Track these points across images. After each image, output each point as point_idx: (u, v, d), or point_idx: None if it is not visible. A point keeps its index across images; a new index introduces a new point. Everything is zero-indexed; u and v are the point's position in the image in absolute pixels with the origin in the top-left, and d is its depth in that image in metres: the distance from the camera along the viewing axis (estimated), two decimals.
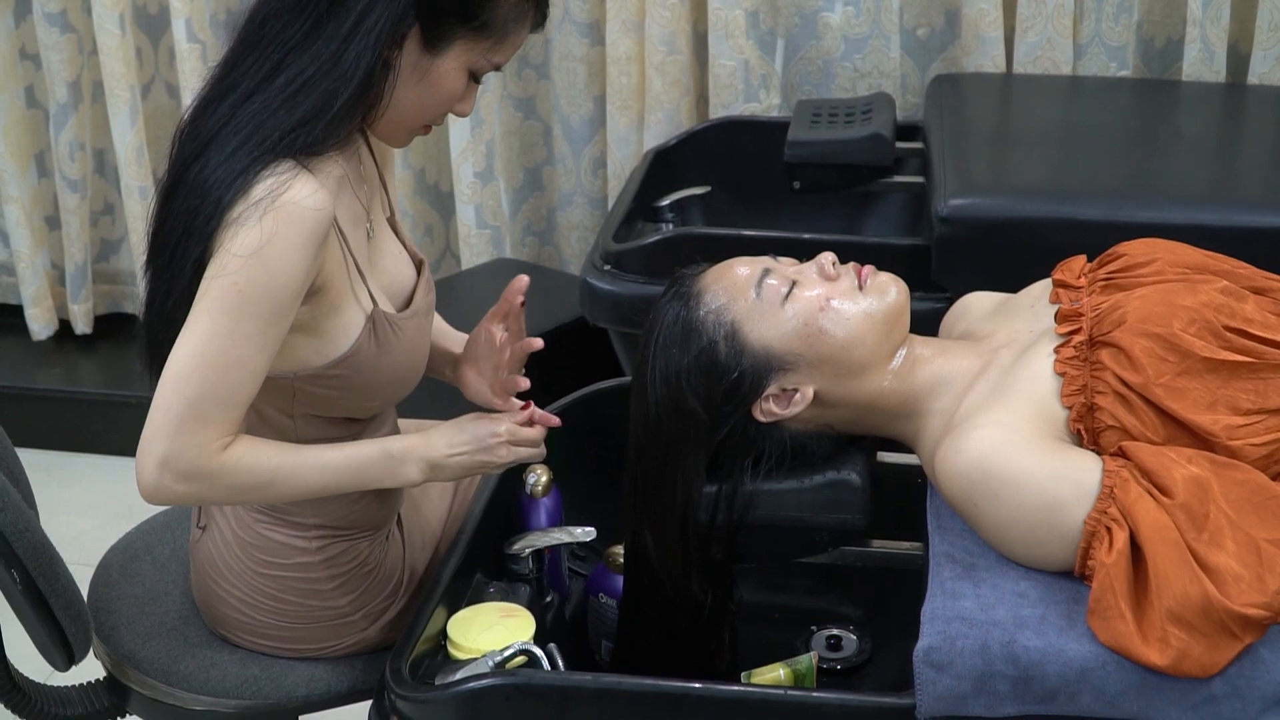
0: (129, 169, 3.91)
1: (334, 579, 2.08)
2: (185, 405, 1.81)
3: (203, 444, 1.82)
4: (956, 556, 1.82)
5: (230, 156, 1.82)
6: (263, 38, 1.87)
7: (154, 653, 2.13)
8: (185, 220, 1.84)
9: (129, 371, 4.00)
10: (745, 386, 1.94)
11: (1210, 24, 3.39)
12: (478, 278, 3.73)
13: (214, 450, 1.83)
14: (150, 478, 1.83)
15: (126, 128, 3.87)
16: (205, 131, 1.87)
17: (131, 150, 3.88)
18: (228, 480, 1.85)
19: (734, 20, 3.52)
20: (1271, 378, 1.79)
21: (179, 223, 1.86)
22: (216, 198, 1.81)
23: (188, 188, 1.85)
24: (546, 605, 2.14)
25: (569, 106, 3.81)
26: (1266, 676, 1.65)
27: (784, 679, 1.98)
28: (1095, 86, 3.46)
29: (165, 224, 1.90)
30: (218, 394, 1.81)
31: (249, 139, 1.82)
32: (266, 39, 1.86)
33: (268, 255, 1.78)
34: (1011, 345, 1.97)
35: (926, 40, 3.65)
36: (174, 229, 1.87)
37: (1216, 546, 1.67)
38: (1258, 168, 3.08)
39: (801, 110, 3.32)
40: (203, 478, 1.83)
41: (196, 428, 1.81)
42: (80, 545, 2.63)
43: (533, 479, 2.17)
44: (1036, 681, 1.67)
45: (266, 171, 1.80)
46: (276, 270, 1.79)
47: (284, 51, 1.85)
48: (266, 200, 1.78)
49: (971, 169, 2.90)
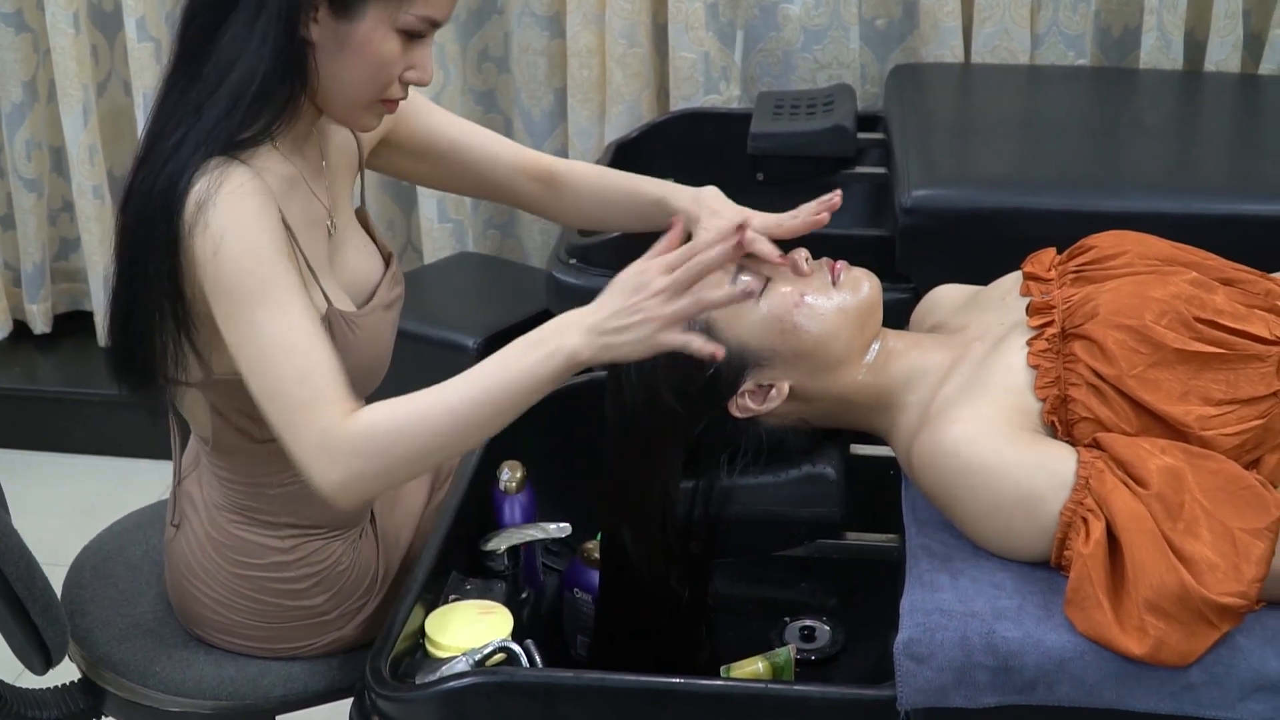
0: (81, 168, 3.88)
1: (308, 578, 2.08)
2: (287, 407, 1.77)
3: (329, 424, 1.76)
4: (933, 549, 1.83)
5: (168, 160, 1.81)
6: (189, 38, 1.86)
7: (129, 654, 2.13)
8: (143, 232, 1.83)
9: (91, 369, 3.98)
10: (721, 383, 1.95)
11: (1167, 12, 3.42)
12: (440, 272, 3.73)
13: (343, 423, 1.76)
14: (318, 478, 1.77)
15: (79, 127, 3.84)
16: (147, 139, 1.86)
17: (84, 149, 3.86)
18: (379, 442, 1.76)
19: (694, 13, 3.53)
20: (1242, 368, 1.81)
21: (137, 235, 1.85)
22: (164, 205, 1.79)
23: (137, 199, 1.84)
24: (522, 601, 2.14)
25: (530, 100, 3.80)
26: (1244, 664, 1.66)
27: (763, 672, 1.99)
28: (1054, 75, 3.48)
29: (124, 237, 1.89)
30: (300, 374, 1.77)
31: (182, 141, 1.81)
32: (190, 37, 1.86)
33: (232, 244, 1.77)
34: (984, 338, 1.98)
35: (885, 31, 3.66)
36: (134, 242, 1.86)
37: (1192, 536, 1.68)
38: (1217, 155, 3.11)
39: (763, 102, 3.33)
40: (356, 452, 1.75)
41: (311, 415, 1.76)
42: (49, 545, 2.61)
43: (506, 475, 2.18)
44: (1016, 672, 1.69)
45: (198, 173, 1.79)
46: (250, 248, 1.77)
47: (204, 46, 1.83)
48: (207, 203, 1.77)
49: (934, 160, 2.92)
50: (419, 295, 3.33)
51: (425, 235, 3.87)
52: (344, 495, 1.78)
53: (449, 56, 3.72)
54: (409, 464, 1.79)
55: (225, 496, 2.06)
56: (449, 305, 3.51)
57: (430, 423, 1.76)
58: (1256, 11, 3.52)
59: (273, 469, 2.01)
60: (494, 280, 3.73)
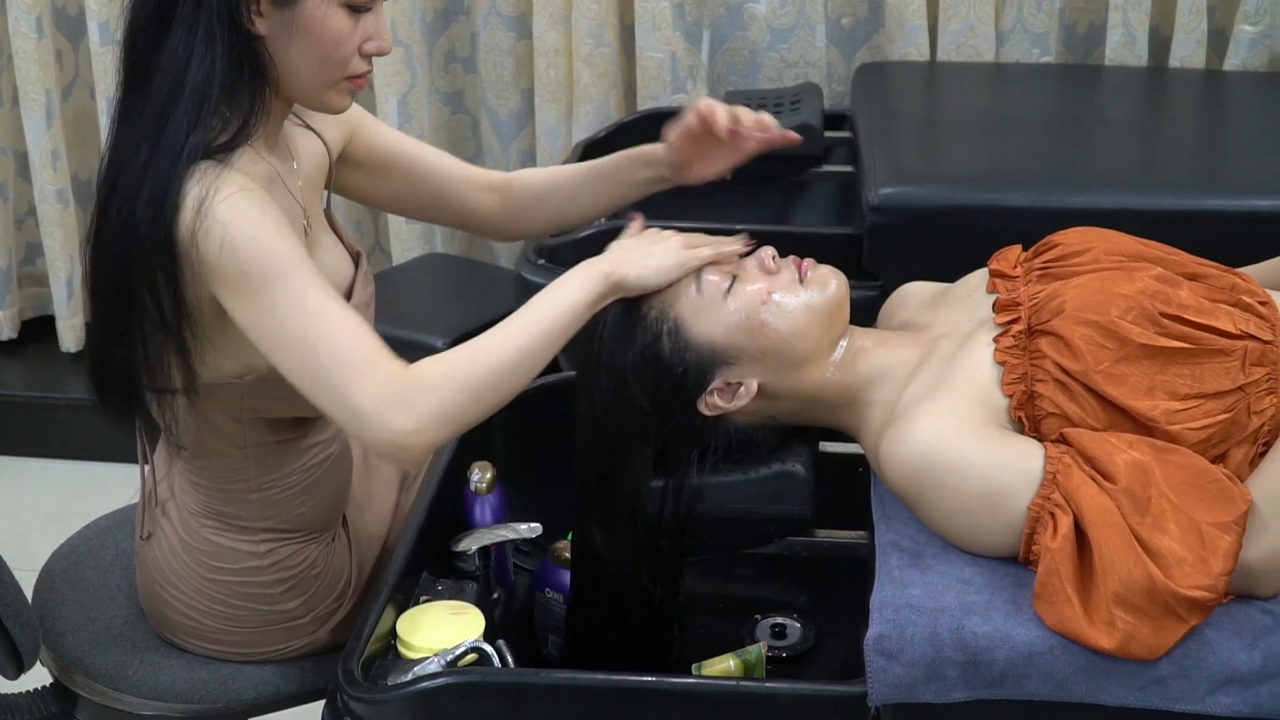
0: (43, 173, 3.87)
1: (282, 582, 2.08)
2: (339, 368, 1.76)
3: (391, 373, 1.76)
4: (902, 545, 1.84)
5: (142, 182, 1.79)
6: (134, 62, 1.85)
7: (101, 659, 2.12)
8: (127, 261, 1.82)
9: (58, 374, 3.97)
10: (690, 382, 1.95)
11: (1132, 8, 3.44)
12: (409, 273, 3.73)
13: (404, 370, 1.77)
14: (390, 428, 1.75)
15: (41, 131, 3.82)
16: (110, 168, 1.85)
17: (46, 154, 3.85)
18: (446, 378, 1.77)
19: (660, 12, 3.54)
20: (1207, 363, 1.82)
21: (121, 264, 1.83)
22: (153, 224, 1.78)
23: (115, 230, 1.83)
24: (494, 602, 2.15)
25: (497, 100, 3.81)
26: (1213, 657, 1.67)
27: (734, 670, 1.99)
28: (1020, 73, 3.50)
29: (103, 270, 1.88)
30: (346, 335, 1.77)
31: (151, 158, 1.80)
32: (135, 62, 1.85)
33: (239, 231, 1.76)
34: (951, 335, 1.99)
35: (851, 29, 3.68)
36: (116, 270, 1.84)
37: (1159, 530, 1.69)
38: (1182, 151, 3.12)
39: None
40: (428, 390, 1.76)
41: (369, 369, 1.76)
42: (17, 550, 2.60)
43: (477, 476, 2.18)
44: (985, 666, 1.69)
45: (187, 182, 1.78)
46: (257, 232, 1.77)
47: (150, 65, 1.83)
48: (206, 204, 1.77)
49: (901, 158, 2.93)
50: (388, 297, 3.32)
51: (393, 237, 3.87)
52: (417, 440, 1.76)
53: (415, 57, 3.72)
54: (477, 401, 1.80)
55: (200, 502, 2.06)
56: (418, 306, 3.51)
57: (490, 357, 1.81)
58: (1221, 7, 3.54)
59: (251, 474, 2.02)
60: (462, 281, 3.73)
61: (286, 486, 2.03)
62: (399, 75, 3.69)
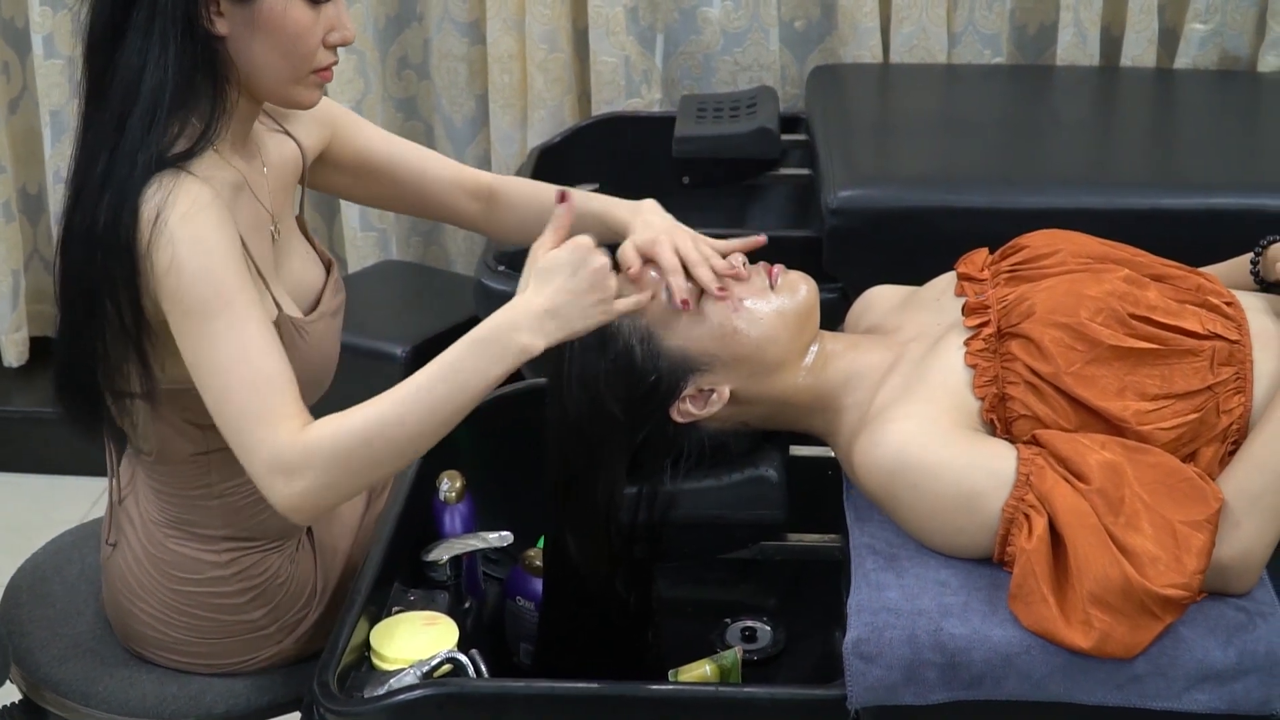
0: None
1: (246, 592, 2.07)
2: (241, 420, 1.78)
3: (283, 439, 1.76)
4: (878, 548, 1.85)
5: (101, 191, 1.80)
6: (94, 72, 1.85)
7: (70, 674, 2.11)
8: (91, 270, 1.82)
9: (11, 386, 3.93)
10: (663, 389, 1.96)
11: (1083, 8, 3.47)
12: (365, 281, 3.71)
13: (296, 437, 1.77)
14: (273, 493, 1.78)
15: None
16: (75, 178, 1.86)
17: None
18: (331, 456, 1.77)
19: (614, 17, 3.54)
20: (1176, 363, 1.84)
21: (85, 273, 1.84)
22: (112, 233, 1.79)
23: (79, 241, 1.84)
24: (465, 611, 2.14)
25: (451, 106, 3.80)
26: (1188, 655, 1.69)
27: (710, 675, 2.00)
28: (972, 74, 3.52)
29: (70, 280, 1.88)
30: (253, 388, 1.78)
31: (110, 167, 1.80)
32: (95, 72, 1.85)
33: (187, 257, 1.77)
34: (921, 339, 2.00)
35: (804, 32, 3.69)
36: (81, 280, 1.85)
37: (1133, 529, 1.70)
38: (1136, 150, 3.15)
39: (686, 105, 3.34)
40: (310, 466, 1.76)
41: (265, 427, 1.77)
42: None
43: (446, 485, 2.18)
44: (964, 667, 1.70)
45: (147, 188, 1.78)
46: (206, 262, 1.77)
47: (108, 73, 1.83)
48: (162, 216, 1.77)
49: (858, 160, 2.94)
50: (346, 305, 3.31)
51: (349, 244, 3.85)
52: (300, 510, 1.79)
53: (369, 64, 3.71)
54: (364, 475, 1.80)
55: (162, 511, 2.05)
56: (375, 314, 3.50)
57: (385, 433, 1.78)
58: (1171, 6, 3.57)
59: (213, 479, 2.01)
60: (420, 288, 3.72)
61: (247, 494, 2.02)
62: (352, 82, 3.68)
